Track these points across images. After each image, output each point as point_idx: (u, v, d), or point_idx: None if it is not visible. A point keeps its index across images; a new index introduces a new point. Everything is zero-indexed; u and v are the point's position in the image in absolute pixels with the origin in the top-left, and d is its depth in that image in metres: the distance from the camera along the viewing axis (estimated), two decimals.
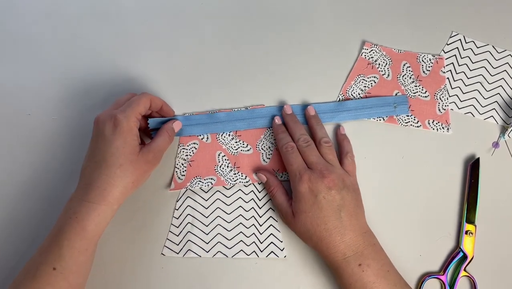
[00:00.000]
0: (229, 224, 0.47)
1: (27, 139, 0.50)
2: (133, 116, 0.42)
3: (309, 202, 0.42)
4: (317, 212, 0.41)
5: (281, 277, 0.46)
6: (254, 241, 0.47)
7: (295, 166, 0.44)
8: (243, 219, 0.48)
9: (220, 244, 0.47)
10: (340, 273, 0.41)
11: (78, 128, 0.51)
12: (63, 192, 0.48)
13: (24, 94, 0.52)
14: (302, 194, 0.42)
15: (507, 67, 0.54)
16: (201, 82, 0.53)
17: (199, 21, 0.56)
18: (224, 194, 0.48)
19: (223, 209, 0.48)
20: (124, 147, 0.41)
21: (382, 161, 0.51)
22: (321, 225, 0.41)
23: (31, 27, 0.55)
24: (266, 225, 0.48)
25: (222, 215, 0.48)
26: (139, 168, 0.42)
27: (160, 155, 0.44)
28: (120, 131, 0.41)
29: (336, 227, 0.41)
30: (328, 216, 0.41)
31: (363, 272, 0.40)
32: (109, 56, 0.54)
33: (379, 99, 0.52)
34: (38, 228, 0.47)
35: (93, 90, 0.52)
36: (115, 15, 0.56)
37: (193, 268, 0.46)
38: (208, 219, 0.47)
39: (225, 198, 0.48)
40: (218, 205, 0.48)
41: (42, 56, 0.54)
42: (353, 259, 0.41)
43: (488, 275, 0.47)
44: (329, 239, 0.41)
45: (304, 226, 0.42)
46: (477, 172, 0.49)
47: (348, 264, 0.41)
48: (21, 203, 0.48)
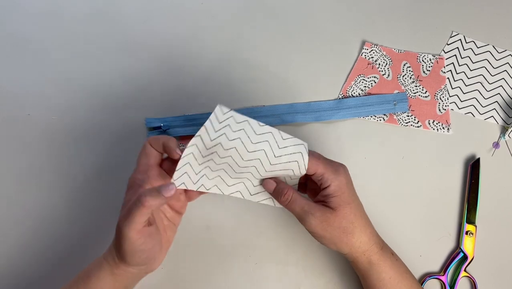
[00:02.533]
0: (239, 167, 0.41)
1: (27, 139, 0.50)
2: (135, 232, 0.36)
3: (351, 192, 0.40)
4: (357, 201, 0.41)
5: (282, 277, 0.46)
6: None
7: (322, 162, 0.40)
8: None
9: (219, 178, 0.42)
10: (375, 266, 0.40)
11: (78, 129, 0.51)
12: (63, 192, 0.48)
13: (24, 94, 0.52)
14: (344, 184, 0.40)
15: (507, 67, 0.54)
16: (201, 82, 0.53)
17: (199, 21, 0.56)
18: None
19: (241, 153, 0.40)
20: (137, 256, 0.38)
21: (382, 161, 0.51)
22: (363, 214, 0.41)
23: (31, 27, 0.55)
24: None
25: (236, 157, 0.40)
26: (150, 267, 0.41)
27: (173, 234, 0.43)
28: (126, 248, 0.37)
29: (367, 218, 0.42)
30: (360, 204, 0.41)
31: (397, 260, 0.41)
32: (109, 56, 0.54)
33: (379, 97, 0.52)
34: (37, 227, 0.47)
35: (93, 90, 0.52)
36: (115, 15, 0.56)
37: (193, 268, 0.46)
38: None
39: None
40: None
41: (42, 57, 0.54)
42: (386, 249, 0.41)
43: (488, 276, 0.47)
44: (370, 230, 0.41)
45: (348, 218, 0.39)
46: (477, 172, 0.49)
47: (386, 253, 0.41)
48: (21, 203, 0.48)
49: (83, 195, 0.48)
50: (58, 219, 0.47)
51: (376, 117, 0.52)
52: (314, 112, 0.51)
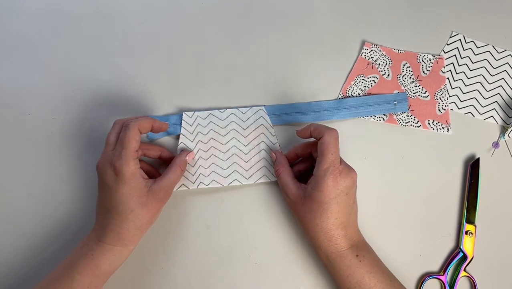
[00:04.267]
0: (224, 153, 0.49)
1: (27, 139, 0.50)
2: (130, 160, 0.40)
3: (331, 195, 0.40)
4: (333, 206, 0.41)
5: (282, 277, 0.46)
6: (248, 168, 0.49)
7: (334, 156, 0.41)
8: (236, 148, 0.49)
9: (215, 173, 0.48)
10: (337, 264, 0.41)
11: (78, 128, 0.51)
12: (62, 192, 0.48)
13: (24, 94, 0.52)
14: (327, 185, 0.40)
15: (507, 67, 0.54)
16: (201, 82, 0.53)
17: (199, 21, 0.56)
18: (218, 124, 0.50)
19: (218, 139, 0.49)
20: (130, 192, 0.40)
21: (382, 161, 0.51)
22: (331, 219, 0.41)
23: (31, 27, 0.55)
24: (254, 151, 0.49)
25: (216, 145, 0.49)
26: (151, 209, 0.41)
27: (171, 190, 0.44)
28: (122, 180, 0.40)
29: (343, 223, 0.41)
30: (341, 212, 0.41)
31: (360, 262, 0.41)
32: (109, 56, 0.54)
33: (379, 97, 0.52)
34: (37, 228, 0.47)
35: (93, 90, 0.52)
36: (115, 15, 0.56)
37: (193, 268, 0.46)
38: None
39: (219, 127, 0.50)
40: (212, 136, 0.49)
41: (42, 56, 0.54)
42: (351, 251, 0.41)
43: (488, 275, 0.47)
44: (333, 233, 0.41)
45: (312, 214, 0.41)
46: (477, 172, 0.49)
47: (346, 255, 0.41)
48: (21, 203, 0.48)
49: (83, 195, 0.48)
50: (58, 219, 0.47)
51: (376, 117, 0.52)
52: (314, 113, 0.51)
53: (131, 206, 0.40)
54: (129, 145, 0.40)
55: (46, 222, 0.47)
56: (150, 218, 0.42)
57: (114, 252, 0.40)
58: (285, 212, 0.48)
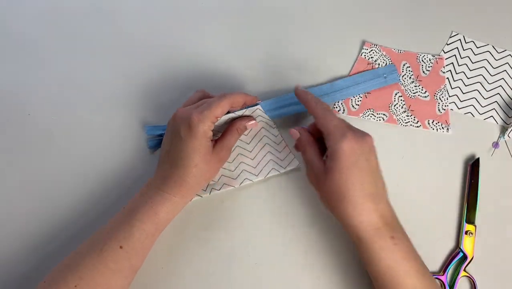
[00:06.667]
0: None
1: (27, 139, 0.50)
2: (209, 121, 0.41)
3: (349, 161, 0.38)
4: (355, 172, 0.38)
5: (281, 277, 0.46)
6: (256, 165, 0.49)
7: (336, 122, 0.40)
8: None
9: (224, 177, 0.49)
10: (369, 246, 0.38)
11: (78, 129, 0.51)
12: (62, 191, 0.48)
13: (24, 94, 0.52)
14: (344, 152, 0.38)
15: (507, 67, 0.54)
16: (201, 82, 0.53)
17: (199, 20, 0.56)
18: None
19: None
20: (199, 148, 0.42)
21: (382, 161, 0.50)
22: (357, 185, 0.38)
23: (31, 27, 0.55)
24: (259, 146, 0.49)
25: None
26: (212, 166, 0.44)
27: (229, 151, 0.46)
28: (195, 135, 0.41)
29: (371, 194, 0.38)
30: (365, 180, 0.38)
31: (395, 245, 0.38)
32: (109, 56, 0.54)
33: (369, 73, 0.52)
34: (37, 228, 0.47)
35: (93, 90, 0.52)
36: (115, 15, 0.56)
37: (193, 268, 0.46)
38: None
39: None
40: None
41: (42, 56, 0.54)
42: (385, 230, 0.38)
43: (488, 275, 0.47)
44: (362, 206, 0.38)
45: (336, 185, 0.39)
46: (477, 172, 0.49)
47: (380, 236, 0.38)
48: (21, 203, 0.48)
49: (83, 195, 0.48)
50: (58, 219, 0.47)
51: (376, 117, 0.52)
52: None
53: (196, 161, 0.42)
54: (215, 109, 0.41)
55: (46, 222, 0.47)
56: (210, 174, 0.44)
57: (172, 202, 0.42)
58: (285, 212, 0.48)
